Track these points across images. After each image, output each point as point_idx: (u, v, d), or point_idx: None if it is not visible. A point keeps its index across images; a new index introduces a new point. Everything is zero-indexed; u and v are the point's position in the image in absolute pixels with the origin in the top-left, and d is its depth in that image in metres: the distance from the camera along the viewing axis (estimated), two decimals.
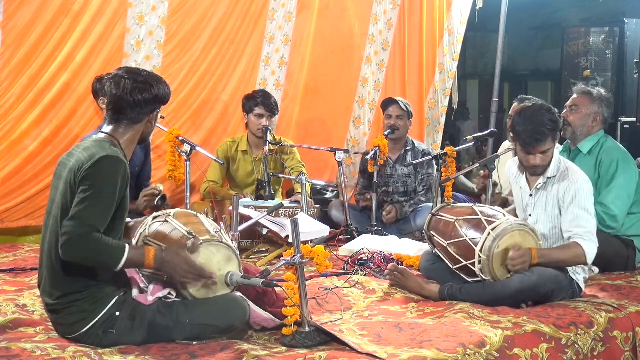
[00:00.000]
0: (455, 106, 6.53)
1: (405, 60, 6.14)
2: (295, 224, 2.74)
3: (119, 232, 2.60)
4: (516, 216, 3.47)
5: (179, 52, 5.03)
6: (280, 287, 2.73)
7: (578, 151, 4.00)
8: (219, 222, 3.34)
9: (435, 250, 3.49)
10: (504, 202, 4.47)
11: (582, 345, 2.86)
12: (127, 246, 2.50)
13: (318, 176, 5.62)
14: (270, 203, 4.40)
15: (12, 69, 4.40)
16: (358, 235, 4.58)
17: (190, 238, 2.69)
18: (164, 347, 2.58)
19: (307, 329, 2.68)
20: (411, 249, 4.21)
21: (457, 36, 6.32)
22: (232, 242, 2.99)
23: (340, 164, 4.89)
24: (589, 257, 3.19)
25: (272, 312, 2.84)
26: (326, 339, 2.71)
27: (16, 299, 3.13)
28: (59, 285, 2.57)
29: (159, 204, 4.15)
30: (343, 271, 3.78)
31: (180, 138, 4.38)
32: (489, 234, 3.13)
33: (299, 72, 5.67)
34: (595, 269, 3.62)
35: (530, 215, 3.40)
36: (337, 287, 3.45)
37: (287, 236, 3.94)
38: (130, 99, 2.61)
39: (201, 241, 2.69)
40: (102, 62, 4.66)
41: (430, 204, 4.73)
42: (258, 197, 4.79)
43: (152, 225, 2.86)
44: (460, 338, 2.67)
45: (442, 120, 6.42)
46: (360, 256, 4.03)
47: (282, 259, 3.51)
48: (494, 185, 4.32)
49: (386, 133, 5.01)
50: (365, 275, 3.73)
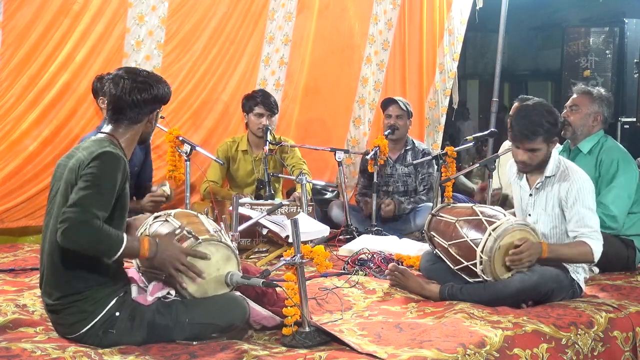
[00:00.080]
0: (455, 106, 6.53)
1: (405, 60, 6.13)
2: (295, 224, 2.74)
3: (121, 231, 2.60)
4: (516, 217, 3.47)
5: (179, 52, 5.03)
6: (280, 287, 2.73)
7: (578, 151, 4.00)
8: (219, 222, 3.35)
9: (436, 250, 3.49)
10: (504, 198, 4.46)
11: (582, 345, 2.86)
12: (125, 236, 2.49)
13: (318, 176, 5.61)
14: (269, 203, 4.40)
15: (12, 69, 4.40)
16: (358, 235, 4.58)
17: (190, 237, 2.68)
18: (164, 347, 2.58)
19: (307, 329, 2.68)
20: (411, 249, 4.21)
21: (457, 36, 6.31)
22: (232, 242, 2.99)
23: (340, 164, 4.89)
24: (596, 256, 3.20)
25: (272, 311, 2.84)
26: (326, 339, 2.71)
27: (16, 299, 3.13)
28: (59, 285, 2.57)
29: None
30: (343, 271, 3.78)
31: (180, 138, 4.38)
32: (490, 234, 3.12)
33: (299, 72, 5.67)
34: (595, 269, 3.62)
35: (530, 215, 3.40)
36: (337, 287, 3.45)
37: (287, 236, 3.94)
38: (129, 99, 2.61)
39: (200, 240, 2.69)
40: (102, 62, 4.66)
41: (431, 204, 4.73)
42: (258, 197, 4.79)
43: (153, 225, 2.87)
44: (460, 338, 2.67)
45: (442, 120, 6.42)
46: (360, 256, 4.03)
47: (282, 259, 3.50)
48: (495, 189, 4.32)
49: (386, 133, 5.02)
50: (365, 275, 3.73)
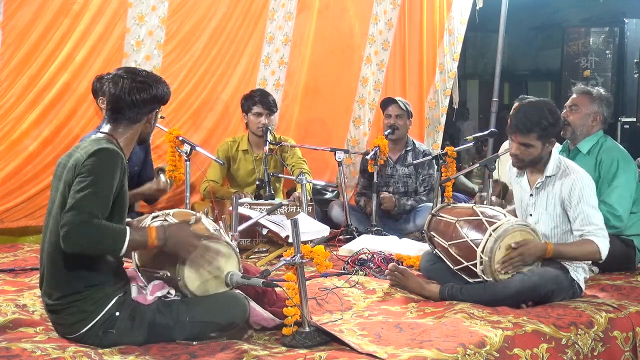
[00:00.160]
0: (455, 106, 6.53)
1: (405, 60, 6.13)
2: (295, 224, 2.74)
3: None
4: (516, 217, 3.47)
5: (179, 52, 5.03)
6: (280, 287, 2.73)
7: (577, 151, 3.99)
8: (218, 222, 3.35)
9: (436, 250, 3.49)
10: (505, 189, 4.46)
11: (582, 345, 2.86)
12: (128, 228, 2.48)
13: (318, 176, 5.61)
14: (269, 202, 4.40)
15: (12, 69, 4.40)
16: (358, 235, 4.58)
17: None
18: (164, 347, 2.58)
19: (307, 329, 2.68)
20: (411, 249, 4.21)
21: (457, 36, 6.32)
22: (232, 241, 2.99)
23: (340, 164, 4.88)
24: (604, 254, 3.20)
25: (272, 311, 2.84)
26: (326, 339, 2.71)
27: (16, 299, 3.13)
28: (59, 285, 2.57)
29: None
30: (343, 271, 3.78)
31: (180, 138, 4.39)
32: (490, 234, 3.12)
33: (299, 72, 5.67)
34: (595, 269, 3.62)
35: (531, 215, 3.40)
36: (337, 287, 3.45)
37: (287, 236, 3.94)
38: (128, 99, 2.61)
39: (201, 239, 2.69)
40: (102, 62, 4.66)
41: (431, 204, 4.73)
42: (258, 197, 4.79)
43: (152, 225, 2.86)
44: (460, 338, 2.67)
45: (443, 120, 6.42)
46: (360, 256, 4.03)
47: (282, 259, 3.49)
48: (494, 181, 4.31)
49: (386, 133, 5.02)
50: (365, 275, 3.72)
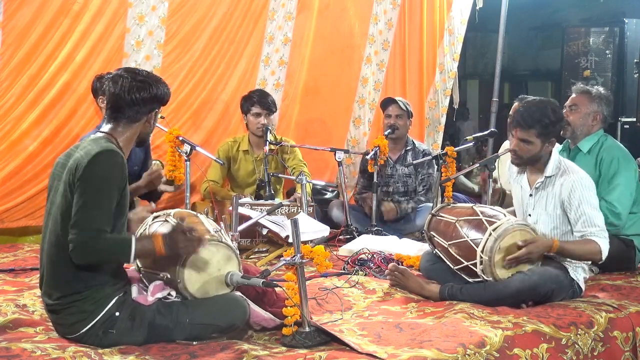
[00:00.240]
0: (456, 106, 6.52)
1: (405, 60, 6.13)
2: (295, 224, 2.74)
3: (123, 224, 2.60)
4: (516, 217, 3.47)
5: (179, 52, 5.03)
6: (280, 287, 2.73)
7: (578, 150, 3.99)
8: (218, 222, 3.34)
9: (436, 250, 3.49)
10: (504, 194, 4.46)
11: (582, 345, 2.86)
12: (133, 238, 2.50)
13: (318, 176, 5.61)
14: (269, 203, 4.40)
15: (12, 69, 4.40)
16: (358, 235, 4.58)
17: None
18: (164, 347, 2.58)
19: (307, 329, 2.68)
20: (411, 249, 4.21)
21: (457, 36, 6.31)
22: (232, 242, 2.99)
23: (340, 164, 4.88)
24: (604, 254, 3.20)
25: (272, 312, 2.85)
26: (326, 339, 2.71)
27: (16, 299, 3.13)
28: (58, 285, 2.57)
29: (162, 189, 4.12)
30: (343, 271, 3.78)
31: (180, 138, 4.38)
32: (490, 234, 3.12)
33: (299, 72, 5.67)
34: (595, 269, 3.62)
35: (530, 215, 3.40)
36: (337, 287, 3.45)
37: (287, 236, 3.94)
38: (128, 98, 2.61)
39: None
40: (102, 62, 4.66)
41: (430, 204, 4.73)
42: (258, 197, 4.79)
43: (152, 225, 2.87)
44: (460, 338, 2.67)
45: (443, 120, 6.42)
46: (360, 256, 4.03)
47: (282, 259, 3.49)
48: (493, 181, 4.31)
49: (386, 133, 5.02)
50: (365, 275, 3.73)
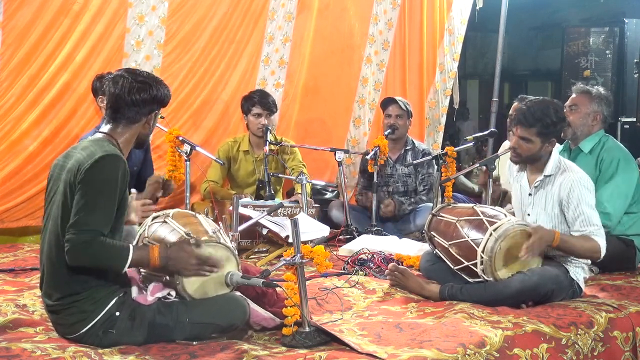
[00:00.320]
0: (456, 106, 6.52)
1: (405, 60, 6.13)
2: (295, 224, 2.74)
3: (120, 230, 2.60)
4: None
5: (179, 52, 5.03)
6: (280, 287, 2.73)
7: (579, 150, 3.99)
8: (218, 222, 3.34)
9: (436, 250, 3.49)
10: (504, 194, 4.45)
11: (582, 345, 2.86)
12: (131, 247, 2.51)
13: (318, 176, 5.61)
14: (270, 203, 4.40)
15: (12, 69, 4.40)
16: (358, 235, 4.58)
17: (189, 239, 2.69)
18: (164, 347, 2.58)
19: (307, 329, 2.68)
20: (411, 249, 4.21)
21: (457, 36, 6.31)
22: (232, 242, 2.99)
23: (340, 164, 4.89)
24: (603, 252, 3.21)
25: (272, 312, 2.84)
26: (326, 339, 2.71)
27: (16, 299, 3.13)
28: (58, 286, 2.57)
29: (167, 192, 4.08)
30: (343, 271, 3.78)
31: (180, 138, 4.39)
32: (491, 234, 3.12)
33: (298, 72, 5.66)
34: (595, 269, 3.62)
35: (529, 214, 3.40)
36: (337, 287, 3.45)
37: (287, 236, 3.94)
38: (128, 98, 2.61)
39: (197, 241, 2.69)
40: (102, 62, 4.66)
41: (431, 204, 4.73)
42: (258, 197, 4.79)
43: (152, 226, 2.87)
44: (460, 338, 2.67)
45: (443, 120, 6.41)
46: (360, 256, 4.03)
47: (282, 259, 3.51)
48: (494, 180, 4.30)
49: (386, 133, 5.02)
50: (365, 275, 3.73)
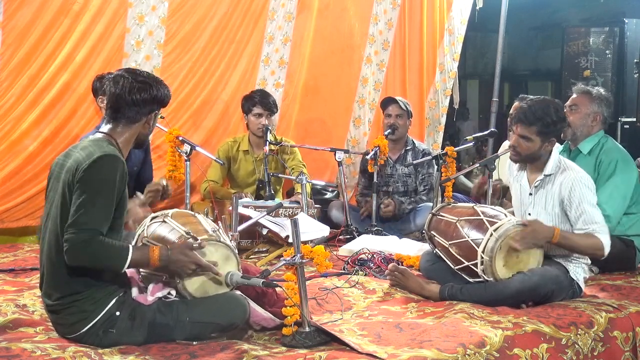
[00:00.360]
0: (456, 106, 6.52)
1: (405, 60, 6.13)
2: (295, 224, 2.74)
3: (119, 231, 2.60)
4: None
5: (179, 52, 5.03)
6: (280, 287, 2.73)
7: (578, 151, 3.99)
8: (218, 222, 3.34)
9: (436, 250, 3.49)
10: (505, 190, 4.45)
11: (582, 345, 2.86)
12: (130, 247, 2.51)
13: (318, 176, 5.61)
14: (270, 203, 4.40)
15: (12, 69, 4.41)
16: (358, 235, 4.58)
17: (189, 238, 2.69)
18: (164, 347, 2.58)
19: (307, 329, 2.68)
20: (411, 249, 4.21)
21: (457, 36, 6.31)
22: (232, 242, 2.99)
23: (340, 164, 4.89)
24: (607, 249, 3.19)
25: (272, 312, 2.84)
26: (326, 339, 2.71)
27: (16, 299, 3.13)
28: (58, 286, 2.57)
29: (163, 198, 4.09)
30: (343, 271, 3.78)
31: (180, 138, 4.39)
32: (491, 234, 3.12)
33: (298, 72, 5.66)
34: (595, 269, 3.62)
35: (530, 214, 3.39)
36: (337, 287, 3.45)
37: (287, 236, 3.94)
38: (128, 98, 2.61)
39: (199, 240, 2.69)
40: (102, 62, 4.67)
41: (431, 204, 4.73)
42: (258, 197, 4.79)
43: (151, 226, 2.86)
44: (460, 338, 2.67)
45: (443, 120, 6.42)
46: (360, 256, 4.03)
47: (282, 259, 3.51)
48: (494, 180, 4.31)
49: (386, 133, 5.02)
50: (365, 275, 3.73)
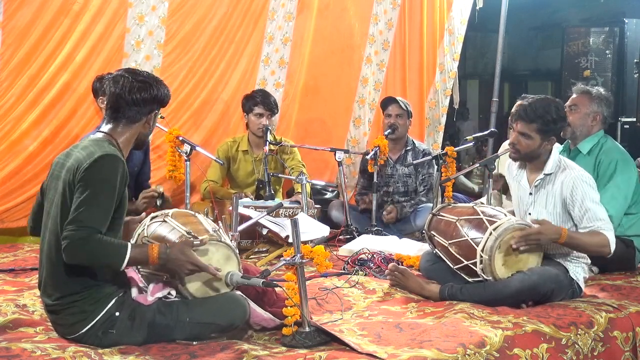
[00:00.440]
0: (456, 106, 6.53)
1: (405, 60, 6.13)
2: (295, 224, 2.74)
3: (118, 231, 2.60)
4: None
5: (179, 52, 5.04)
6: (280, 287, 2.73)
7: (578, 151, 3.99)
8: (218, 222, 3.34)
9: (436, 250, 3.49)
10: (507, 187, 4.45)
11: (582, 345, 2.86)
12: (129, 245, 2.50)
13: (318, 176, 5.61)
14: (270, 203, 4.40)
15: (12, 69, 4.41)
16: (358, 235, 4.58)
17: (190, 237, 2.69)
18: (164, 347, 2.58)
19: (307, 329, 2.68)
20: (411, 249, 4.21)
21: (457, 36, 6.32)
22: (232, 242, 2.99)
23: (340, 164, 4.89)
24: (612, 246, 3.19)
25: (272, 312, 2.84)
26: (326, 339, 2.71)
27: (16, 299, 3.13)
28: (58, 286, 2.57)
29: (159, 204, 4.13)
30: (343, 271, 3.78)
31: (180, 138, 4.39)
32: (491, 233, 3.13)
33: (298, 72, 5.67)
34: (595, 269, 3.62)
35: (530, 214, 3.40)
36: (337, 287, 3.45)
37: (287, 236, 3.94)
38: (129, 98, 2.61)
39: (201, 240, 2.69)
40: (102, 62, 4.67)
41: (431, 204, 4.73)
42: (258, 197, 4.79)
43: (151, 226, 2.86)
44: (460, 338, 2.67)
45: (443, 120, 6.42)
46: (360, 256, 4.03)
47: (282, 259, 3.51)
48: (494, 177, 4.30)
49: (386, 133, 5.02)
50: (365, 275, 3.73)
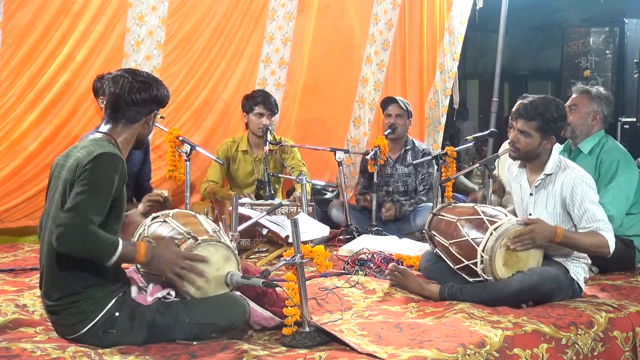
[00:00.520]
0: (456, 106, 6.53)
1: (405, 60, 6.13)
2: (295, 224, 2.74)
3: (117, 231, 2.59)
4: (517, 217, 3.46)
5: (179, 52, 5.03)
6: (280, 287, 2.73)
7: (578, 151, 3.99)
8: (218, 222, 3.34)
9: (436, 250, 3.49)
10: (502, 188, 4.47)
11: (582, 345, 2.86)
12: (120, 241, 2.49)
13: (318, 176, 5.61)
14: (269, 203, 4.40)
15: (12, 69, 4.40)
16: (358, 235, 4.58)
17: (190, 238, 2.69)
18: (164, 347, 2.58)
19: (307, 329, 2.68)
20: (411, 249, 4.21)
21: (457, 36, 6.32)
22: (232, 242, 2.99)
23: (340, 164, 4.89)
24: (612, 247, 3.19)
25: (272, 311, 2.84)
26: (326, 339, 2.70)
27: (16, 299, 3.13)
28: (57, 286, 2.57)
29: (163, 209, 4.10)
30: (343, 271, 3.78)
31: (180, 138, 4.39)
32: (491, 233, 3.12)
33: (299, 72, 5.67)
34: (595, 269, 3.62)
35: (531, 214, 3.39)
36: (337, 287, 3.45)
37: (287, 236, 3.94)
38: (128, 98, 2.61)
39: (199, 241, 2.69)
40: (102, 62, 4.67)
41: (431, 204, 4.73)
42: (258, 197, 4.79)
43: (151, 226, 2.87)
44: (460, 338, 2.67)
45: (443, 120, 6.42)
46: (360, 256, 4.03)
47: (282, 259, 3.51)
48: (493, 178, 4.31)
49: (386, 133, 5.02)
50: (365, 275, 3.73)
